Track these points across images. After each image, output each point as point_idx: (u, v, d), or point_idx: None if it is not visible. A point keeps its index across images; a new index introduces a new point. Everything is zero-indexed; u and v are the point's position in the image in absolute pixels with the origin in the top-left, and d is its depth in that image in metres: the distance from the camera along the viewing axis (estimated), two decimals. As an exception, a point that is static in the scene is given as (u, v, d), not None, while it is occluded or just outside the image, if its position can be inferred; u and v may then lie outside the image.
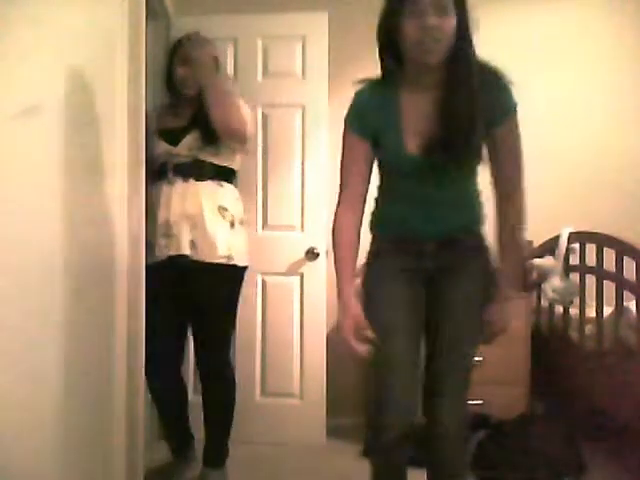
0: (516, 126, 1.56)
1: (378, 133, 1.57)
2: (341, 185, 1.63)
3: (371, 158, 1.61)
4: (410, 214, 1.61)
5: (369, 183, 1.63)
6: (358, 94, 1.61)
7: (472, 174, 1.64)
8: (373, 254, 1.69)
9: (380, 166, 1.66)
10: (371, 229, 1.71)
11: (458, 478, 1.68)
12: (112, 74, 1.88)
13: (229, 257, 2.19)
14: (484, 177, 1.64)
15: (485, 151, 1.57)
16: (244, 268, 2.29)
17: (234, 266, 2.22)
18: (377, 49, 1.56)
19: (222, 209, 2.20)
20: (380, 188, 1.70)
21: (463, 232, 1.63)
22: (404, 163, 1.57)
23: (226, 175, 2.27)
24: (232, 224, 2.23)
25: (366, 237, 1.69)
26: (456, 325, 1.61)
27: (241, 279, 2.30)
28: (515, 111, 1.55)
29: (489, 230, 1.66)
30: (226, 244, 2.18)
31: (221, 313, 2.25)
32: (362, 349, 1.47)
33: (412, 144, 1.54)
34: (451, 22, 1.45)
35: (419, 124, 1.54)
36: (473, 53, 1.52)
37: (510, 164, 1.57)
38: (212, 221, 2.17)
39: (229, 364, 2.31)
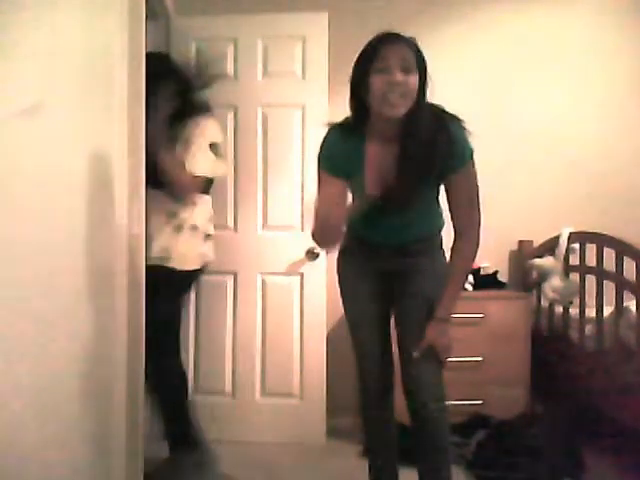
0: (471, 173, 1.70)
1: (347, 174, 1.73)
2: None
3: (346, 187, 1.76)
4: (368, 228, 1.79)
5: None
6: (330, 137, 1.77)
7: (428, 201, 1.78)
8: (342, 249, 1.91)
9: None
10: None
11: (441, 453, 1.77)
12: (112, 74, 1.88)
13: (164, 259, 2.21)
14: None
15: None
16: (188, 272, 2.27)
17: (171, 269, 2.21)
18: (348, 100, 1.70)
19: (170, 213, 2.23)
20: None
21: (417, 240, 1.81)
22: (367, 201, 1.75)
23: None
24: (179, 228, 2.24)
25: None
26: (412, 318, 1.79)
27: (182, 283, 2.29)
28: (470, 159, 1.68)
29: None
30: (161, 246, 2.20)
31: (151, 314, 2.19)
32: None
33: (373, 189, 1.72)
34: (415, 79, 1.59)
35: (380, 174, 1.71)
36: (429, 110, 1.65)
37: (464, 207, 1.72)
38: (153, 224, 2.21)
39: (166, 370, 2.26)
